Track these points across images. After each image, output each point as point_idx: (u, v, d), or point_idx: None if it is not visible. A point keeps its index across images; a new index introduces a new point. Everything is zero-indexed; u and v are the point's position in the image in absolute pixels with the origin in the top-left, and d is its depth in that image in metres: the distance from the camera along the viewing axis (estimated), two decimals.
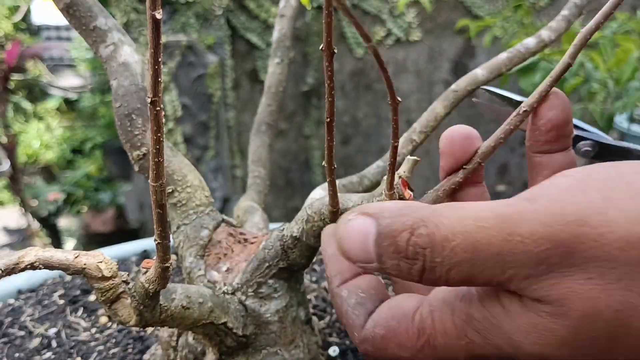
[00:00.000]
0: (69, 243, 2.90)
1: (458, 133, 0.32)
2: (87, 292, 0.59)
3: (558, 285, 0.23)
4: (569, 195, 0.24)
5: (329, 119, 0.28)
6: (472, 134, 0.33)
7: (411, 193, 0.32)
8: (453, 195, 0.34)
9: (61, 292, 0.60)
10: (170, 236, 0.41)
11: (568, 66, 0.31)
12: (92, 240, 2.83)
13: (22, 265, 0.28)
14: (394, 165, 0.30)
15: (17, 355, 0.49)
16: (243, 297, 0.38)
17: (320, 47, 0.25)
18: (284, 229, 0.38)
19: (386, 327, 0.29)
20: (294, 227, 0.37)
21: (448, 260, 0.25)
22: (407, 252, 0.25)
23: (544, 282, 0.23)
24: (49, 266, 0.29)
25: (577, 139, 0.39)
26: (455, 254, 0.24)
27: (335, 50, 0.25)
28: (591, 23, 0.30)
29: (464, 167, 0.33)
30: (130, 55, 0.43)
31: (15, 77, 2.64)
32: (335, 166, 0.31)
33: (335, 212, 0.34)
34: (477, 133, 0.33)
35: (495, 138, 0.32)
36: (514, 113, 0.32)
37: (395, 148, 0.29)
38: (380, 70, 0.26)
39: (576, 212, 0.23)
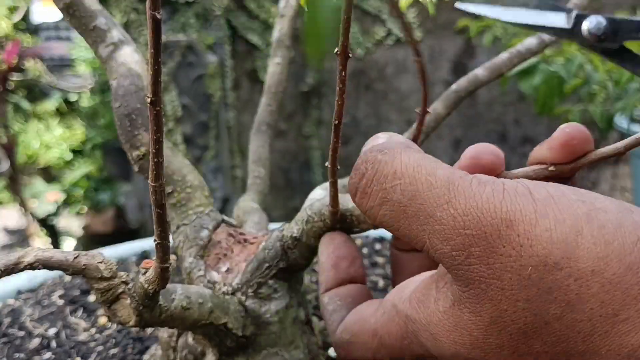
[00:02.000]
0: (69, 243, 2.89)
1: (581, 133, 0.31)
2: (86, 292, 0.59)
3: (475, 282, 0.23)
4: (512, 194, 0.23)
5: (337, 121, 0.28)
6: (590, 139, 0.31)
7: None
8: None
9: (61, 292, 0.60)
10: (170, 236, 0.41)
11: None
12: (91, 241, 2.83)
13: (22, 266, 0.28)
14: None
15: (16, 355, 0.49)
16: (243, 298, 0.38)
17: (335, 51, 0.25)
18: (283, 229, 0.38)
19: (351, 332, 0.31)
20: (293, 228, 0.37)
21: (383, 192, 0.26)
22: (360, 164, 0.27)
23: (463, 270, 0.23)
24: (48, 266, 0.29)
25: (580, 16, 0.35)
26: (393, 190, 0.25)
27: (350, 55, 0.26)
28: None
29: (559, 164, 0.31)
30: (130, 55, 0.43)
31: (15, 77, 2.64)
32: (338, 167, 0.31)
33: (335, 213, 0.34)
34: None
35: (614, 148, 0.30)
36: None
37: None
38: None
39: (509, 211, 0.23)
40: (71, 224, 3.07)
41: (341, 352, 0.32)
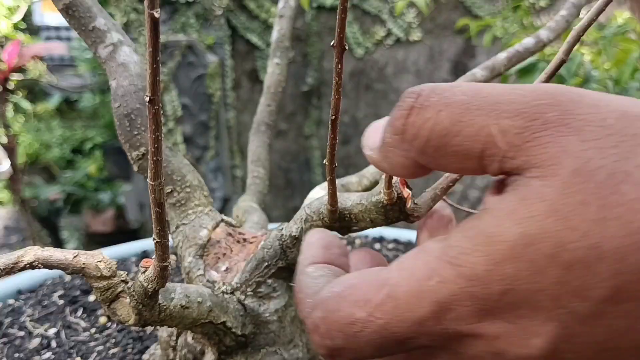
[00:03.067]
0: (69, 243, 2.90)
1: None
2: (86, 292, 0.60)
3: (551, 144, 0.22)
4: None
5: (334, 117, 0.28)
6: None
7: (409, 192, 0.32)
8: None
9: (61, 292, 0.60)
10: (170, 236, 0.41)
11: (562, 62, 0.31)
12: (92, 240, 2.83)
13: (21, 265, 0.28)
14: None
15: (16, 355, 0.49)
16: (242, 297, 0.39)
17: (332, 44, 0.25)
18: (282, 228, 0.38)
19: (345, 284, 0.25)
20: (292, 227, 0.37)
21: (444, 99, 0.24)
22: (409, 93, 0.25)
23: (538, 140, 0.22)
24: (48, 265, 0.29)
25: None
26: (452, 95, 0.24)
27: (347, 47, 0.26)
28: (584, 20, 0.30)
29: None
30: (129, 56, 0.43)
31: (15, 77, 2.65)
32: (336, 165, 0.31)
33: (333, 211, 0.34)
34: None
35: None
36: None
37: None
38: None
39: (578, 90, 0.24)
40: (71, 224, 3.07)
41: (318, 316, 0.25)
